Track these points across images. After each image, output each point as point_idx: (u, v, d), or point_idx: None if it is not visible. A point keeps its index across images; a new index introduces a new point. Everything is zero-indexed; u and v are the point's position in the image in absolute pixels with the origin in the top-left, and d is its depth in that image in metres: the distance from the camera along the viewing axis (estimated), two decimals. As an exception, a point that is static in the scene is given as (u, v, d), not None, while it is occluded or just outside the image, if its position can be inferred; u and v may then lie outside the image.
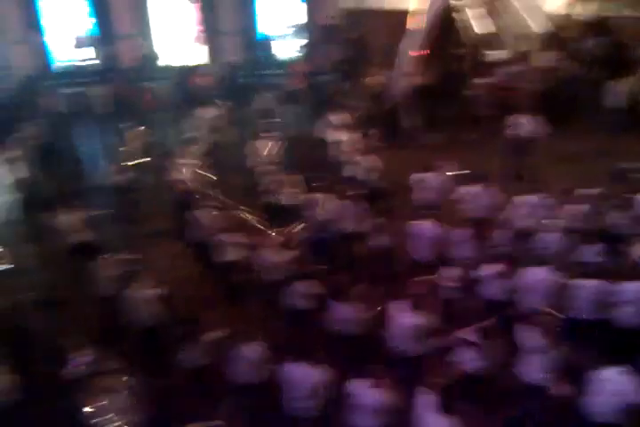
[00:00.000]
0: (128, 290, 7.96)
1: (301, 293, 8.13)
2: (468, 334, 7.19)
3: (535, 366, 6.90)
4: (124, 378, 6.69)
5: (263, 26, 18.17)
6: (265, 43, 17.89)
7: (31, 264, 10.28)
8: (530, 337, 6.98)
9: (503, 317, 7.83)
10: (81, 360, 6.88)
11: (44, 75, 16.64)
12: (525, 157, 12.26)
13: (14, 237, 11.34)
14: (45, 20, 16.87)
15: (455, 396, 5.92)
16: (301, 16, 18.35)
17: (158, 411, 6.82)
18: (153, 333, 8.06)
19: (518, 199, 9.76)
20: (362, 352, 7.56)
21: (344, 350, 7.91)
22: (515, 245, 9.05)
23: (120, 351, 7.34)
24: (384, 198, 11.12)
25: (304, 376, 6.56)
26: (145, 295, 7.86)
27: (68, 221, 9.54)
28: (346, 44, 17.34)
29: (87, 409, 6.40)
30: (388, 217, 9.69)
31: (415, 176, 10.77)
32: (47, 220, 9.76)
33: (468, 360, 7.05)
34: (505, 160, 12.28)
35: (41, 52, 17.09)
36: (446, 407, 5.76)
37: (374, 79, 15.71)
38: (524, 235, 9.14)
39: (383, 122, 14.82)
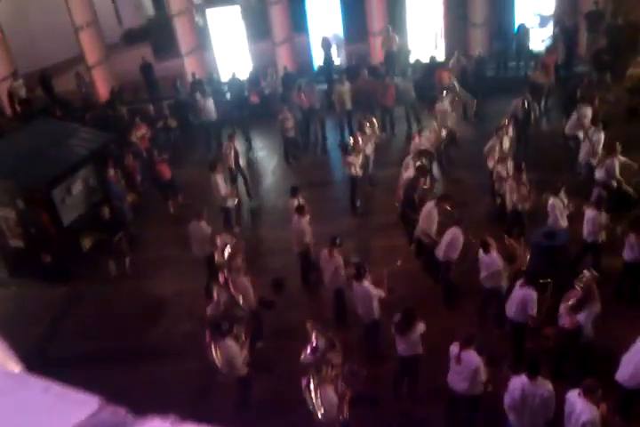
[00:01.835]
0: (355, 284, 8.20)
1: (520, 302, 7.61)
2: None
3: None
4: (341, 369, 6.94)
5: (518, 15, 17.22)
6: (517, 33, 16.90)
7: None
8: None
9: None
10: (314, 347, 7.26)
11: (304, 72, 17.93)
12: None
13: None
14: (310, 22, 18.09)
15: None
16: (554, 4, 16.99)
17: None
18: (373, 326, 8.26)
19: None
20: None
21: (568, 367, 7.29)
22: None
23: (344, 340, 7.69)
24: (635, 207, 9.93)
25: (532, 389, 6.19)
26: (366, 290, 8.03)
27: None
28: (609, 32, 15.67)
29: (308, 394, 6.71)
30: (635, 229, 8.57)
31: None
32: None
33: None
34: None
35: (303, 51, 18.43)
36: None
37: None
38: None
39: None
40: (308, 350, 7.23)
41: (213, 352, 7.46)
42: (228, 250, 9.18)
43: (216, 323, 7.63)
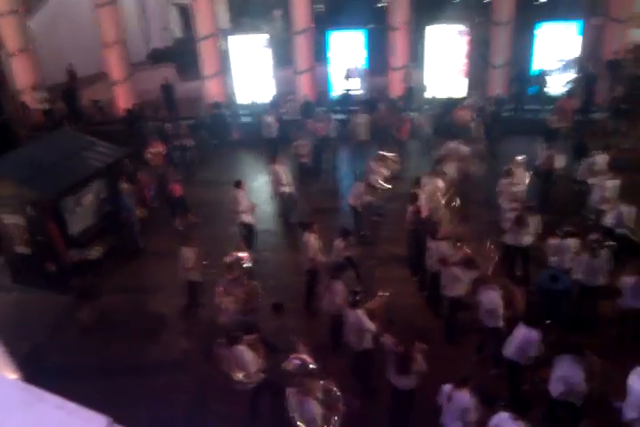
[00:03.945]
0: (349, 310, 8.16)
1: (520, 342, 7.52)
2: None
3: None
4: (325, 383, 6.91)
5: (538, 59, 17.43)
6: (536, 77, 17.07)
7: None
8: None
9: None
10: (298, 361, 7.26)
11: (321, 101, 18.15)
12: None
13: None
14: (331, 53, 18.39)
15: None
16: (577, 50, 17.21)
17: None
18: (364, 356, 8.18)
19: None
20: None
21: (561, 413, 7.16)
22: None
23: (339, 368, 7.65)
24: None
25: None
26: (358, 319, 7.97)
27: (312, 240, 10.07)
28: (629, 81, 15.81)
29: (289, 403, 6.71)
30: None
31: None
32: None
33: None
34: None
35: (322, 81, 18.67)
36: None
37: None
38: None
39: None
40: (295, 360, 7.20)
41: (224, 362, 7.45)
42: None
43: (228, 331, 7.71)
